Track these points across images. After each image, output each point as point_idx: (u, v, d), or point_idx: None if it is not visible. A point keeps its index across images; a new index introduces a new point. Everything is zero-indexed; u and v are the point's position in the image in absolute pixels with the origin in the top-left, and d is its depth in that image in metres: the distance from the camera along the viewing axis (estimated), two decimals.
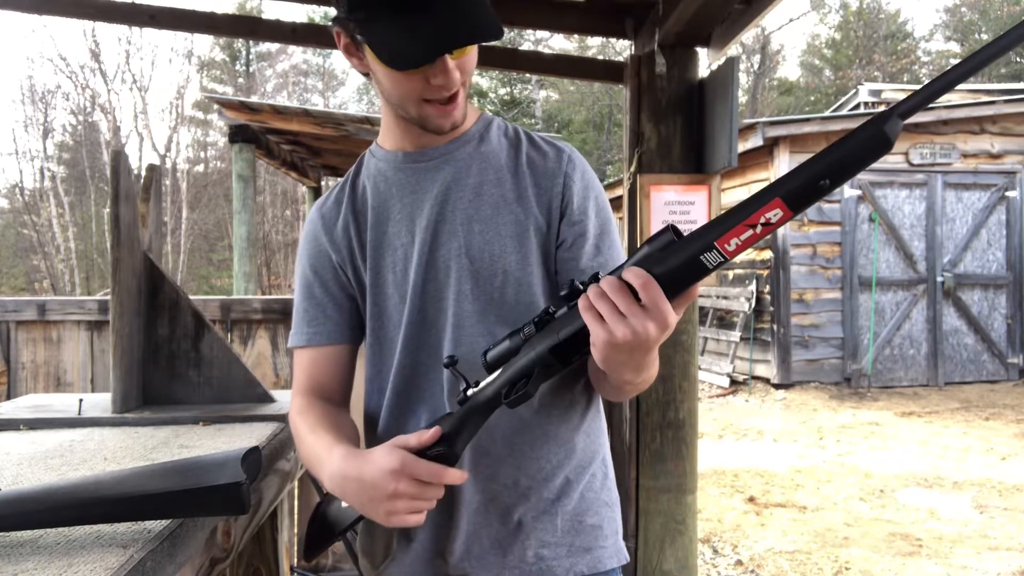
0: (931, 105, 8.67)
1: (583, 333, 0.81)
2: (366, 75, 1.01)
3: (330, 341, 1.10)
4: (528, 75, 20.31)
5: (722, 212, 0.73)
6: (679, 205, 2.55)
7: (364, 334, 1.11)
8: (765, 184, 0.78)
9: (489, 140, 1.08)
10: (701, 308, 8.81)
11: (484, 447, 1.02)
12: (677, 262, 0.74)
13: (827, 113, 9.82)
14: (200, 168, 23.84)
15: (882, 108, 9.82)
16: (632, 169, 2.58)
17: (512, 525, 1.02)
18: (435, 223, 1.04)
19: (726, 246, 0.71)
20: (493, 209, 1.03)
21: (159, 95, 45.78)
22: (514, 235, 1.03)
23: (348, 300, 1.11)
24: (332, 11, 0.99)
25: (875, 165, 8.35)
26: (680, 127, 2.53)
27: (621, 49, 20.35)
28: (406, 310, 1.05)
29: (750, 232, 0.71)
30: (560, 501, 1.04)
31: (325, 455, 0.94)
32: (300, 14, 26.13)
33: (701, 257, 0.73)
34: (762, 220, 0.70)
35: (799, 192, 0.69)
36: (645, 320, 0.74)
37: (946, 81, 0.64)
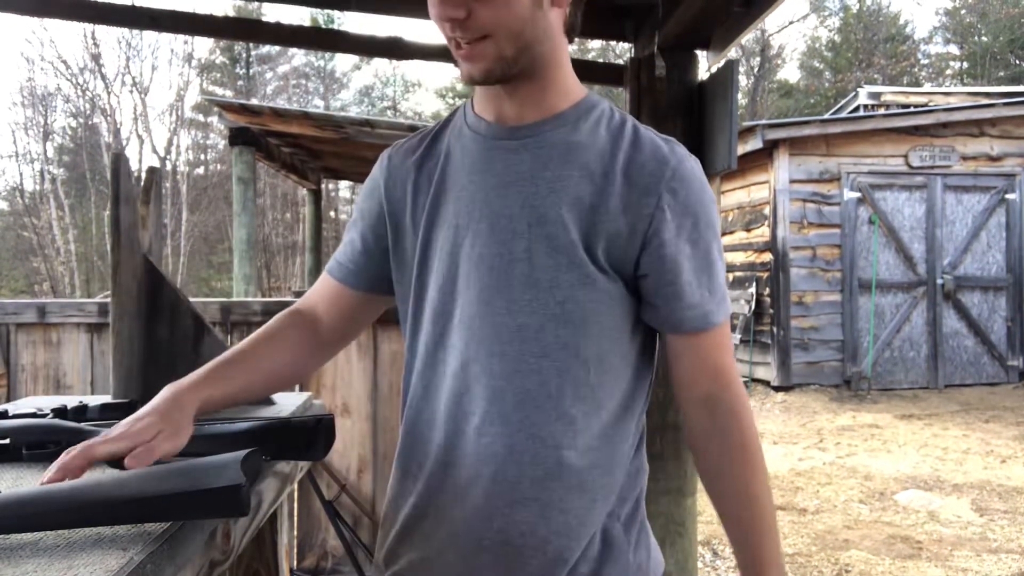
0: (931, 107, 8.69)
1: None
2: None
3: (345, 283, 1.06)
4: None
5: None
6: None
7: (385, 291, 1.06)
8: (765, 186, 0.77)
9: (582, 129, 0.92)
10: None
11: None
12: None
13: (827, 116, 9.83)
14: (200, 171, 23.85)
15: (882, 110, 9.82)
16: None
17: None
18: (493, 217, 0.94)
19: None
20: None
21: (159, 98, 45.89)
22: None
23: (381, 253, 1.04)
24: (334, 13, 0.99)
25: (876, 167, 8.38)
26: (680, 129, 2.53)
27: (621, 52, 20.37)
28: (437, 301, 0.95)
29: None
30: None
31: None
32: (302, 16, 26.21)
33: None
34: None
35: None
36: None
37: None
